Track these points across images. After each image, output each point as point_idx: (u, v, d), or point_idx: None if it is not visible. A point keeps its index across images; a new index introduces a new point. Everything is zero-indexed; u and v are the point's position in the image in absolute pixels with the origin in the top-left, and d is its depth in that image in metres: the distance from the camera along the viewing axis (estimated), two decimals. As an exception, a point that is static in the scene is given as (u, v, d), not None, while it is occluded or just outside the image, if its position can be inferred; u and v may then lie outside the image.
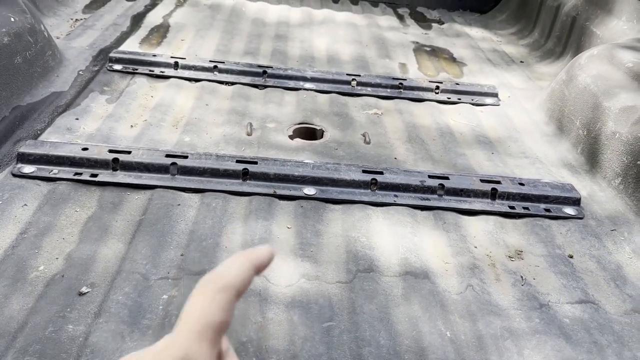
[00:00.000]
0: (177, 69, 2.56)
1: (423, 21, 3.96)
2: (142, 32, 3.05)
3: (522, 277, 1.59)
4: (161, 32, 3.09)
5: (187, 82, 2.51)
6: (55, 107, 2.16)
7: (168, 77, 2.51)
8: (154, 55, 2.61)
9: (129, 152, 1.82)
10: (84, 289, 1.35)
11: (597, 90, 2.21)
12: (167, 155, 1.83)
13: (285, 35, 3.27)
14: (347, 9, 3.94)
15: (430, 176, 1.91)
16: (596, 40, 2.89)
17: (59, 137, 1.96)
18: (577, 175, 2.14)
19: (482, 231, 1.76)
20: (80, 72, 2.47)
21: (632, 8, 2.75)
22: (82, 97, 2.26)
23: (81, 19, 3.12)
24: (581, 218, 1.87)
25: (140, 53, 2.64)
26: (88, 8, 3.32)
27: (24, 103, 2.12)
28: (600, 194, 2.02)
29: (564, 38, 3.24)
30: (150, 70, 2.53)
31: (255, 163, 1.86)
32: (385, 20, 3.81)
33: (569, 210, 1.88)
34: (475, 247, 1.68)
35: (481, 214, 1.83)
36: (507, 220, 1.83)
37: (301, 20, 3.57)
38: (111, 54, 2.57)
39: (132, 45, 2.83)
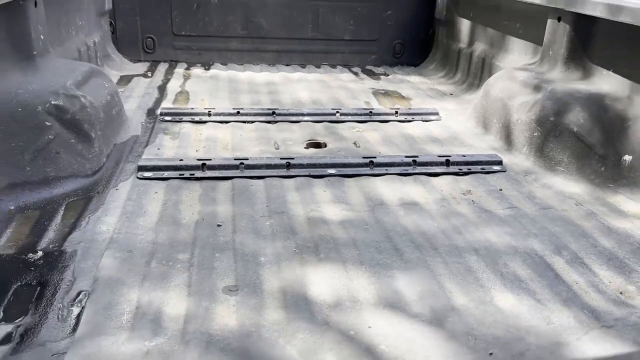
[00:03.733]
0: (210, 116, 3.52)
1: (373, 75, 5.11)
2: (170, 96, 4.01)
3: (472, 201, 2.58)
4: (184, 95, 4.06)
5: (220, 124, 3.47)
6: (139, 144, 3.06)
7: (205, 122, 3.47)
8: (192, 108, 3.57)
9: (210, 159, 2.74)
10: (219, 223, 2.24)
11: (504, 96, 3.32)
12: (235, 159, 2.77)
13: (276, 91, 4.31)
14: (314, 71, 5.06)
15: (406, 157, 2.92)
16: (500, 71, 4.07)
17: (154, 159, 2.86)
18: (500, 153, 3.19)
19: (444, 184, 2.76)
20: (142, 123, 3.39)
21: (520, 47, 3.97)
22: (154, 137, 3.18)
23: (119, 91, 4.05)
24: (505, 171, 2.91)
25: (181, 108, 3.60)
26: (119, 83, 4.27)
27: (118, 142, 3.02)
28: (515, 160, 3.08)
29: (479, 74, 4.44)
30: (192, 118, 3.48)
31: (293, 159, 2.82)
32: (345, 77, 4.94)
33: (497, 167, 2.92)
34: (442, 191, 2.68)
35: (441, 175, 2.84)
36: (459, 177, 2.84)
37: (283, 81, 4.64)
38: (160, 110, 3.51)
39: (168, 105, 3.78)
